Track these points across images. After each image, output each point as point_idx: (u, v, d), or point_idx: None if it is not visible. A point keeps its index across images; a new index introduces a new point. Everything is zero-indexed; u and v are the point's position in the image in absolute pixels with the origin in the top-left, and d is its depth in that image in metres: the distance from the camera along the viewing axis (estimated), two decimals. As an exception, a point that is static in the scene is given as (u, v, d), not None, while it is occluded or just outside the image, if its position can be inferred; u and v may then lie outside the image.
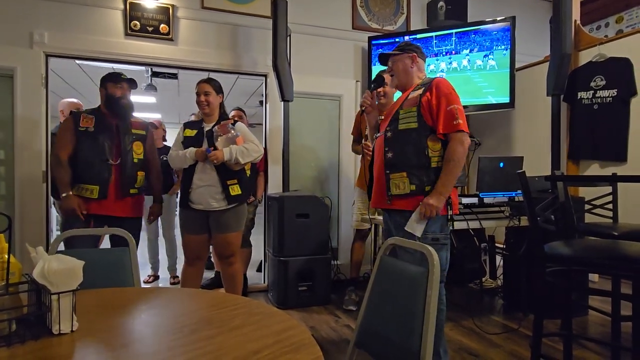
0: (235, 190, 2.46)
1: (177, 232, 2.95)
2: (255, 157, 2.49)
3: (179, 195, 2.60)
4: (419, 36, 3.81)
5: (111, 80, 2.43)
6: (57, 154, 2.36)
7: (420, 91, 1.89)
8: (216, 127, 2.47)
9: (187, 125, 2.58)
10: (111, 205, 2.38)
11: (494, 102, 3.62)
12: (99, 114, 2.45)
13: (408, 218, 1.86)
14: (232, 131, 2.44)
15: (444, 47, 3.74)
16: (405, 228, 1.84)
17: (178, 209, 2.59)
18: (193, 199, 2.43)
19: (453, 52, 3.71)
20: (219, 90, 2.54)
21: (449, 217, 1.88)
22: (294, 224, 3.12)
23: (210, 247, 2.89)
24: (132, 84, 2.49)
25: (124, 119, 2.47)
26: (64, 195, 2.30)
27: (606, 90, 3.26)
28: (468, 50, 3.67)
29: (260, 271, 3.92)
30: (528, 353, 2.24)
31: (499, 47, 3.57)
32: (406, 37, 3.82)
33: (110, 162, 2.37)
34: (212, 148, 2.40)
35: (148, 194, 2.70)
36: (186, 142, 2.47)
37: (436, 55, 3.77)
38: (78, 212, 2.28)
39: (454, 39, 3.71)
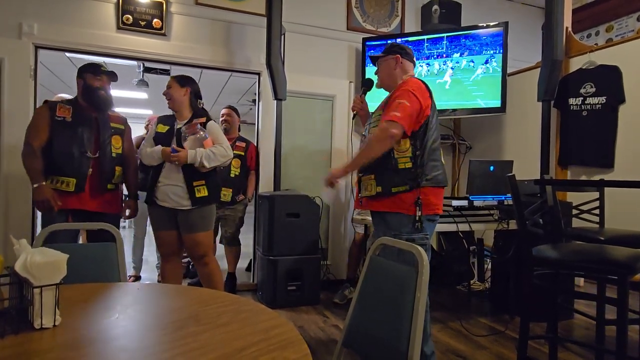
0: (202, 191, 2.38)
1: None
2: (222, 161, 2.41)
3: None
4: (411, 39, 3.83)
5: (90, 71, 2.33)
6: (29, 143, 2.22)
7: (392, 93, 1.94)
8: (184, 126, 2.41)
9: (162, 120, 2.52)
10: (88, 200, 2.29)
11: (486, 106, 3.65)
12: (77, 105, 2.35)
13: (382, 219, 1.90)
14: (201, 132, 2.37)
15: (435, 51, 3.76)
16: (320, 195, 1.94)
17: (145, 205, 2.52)
18: (158, 197, 2.40)
19: (445, 55, 3.74)
20: (183, 83, 2.46)
21: (418, 217, 1.81)
22: (284, 223, 3.11)
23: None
24: (112, 76, 2.41)
25: (101, 111, 2.38)
26: (35, 185, 2.18)
27: (595, 97, 3.31)
28: (460, 54, 3.69)
29: (250, 270, 3.90)
30: (514, 355, 2.26)
31: (492, 52, 3.60)
32: (398, 40, 3.84)
33: (88, 154, 2.28)
34: (177, 148, 2.35)
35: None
36: (157, 139, 2.41)
37: (427, 57, 3.79)
38: (53, 203, 2.16)
39: (445, 42, 3.74)
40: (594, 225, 2.37)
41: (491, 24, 3.63)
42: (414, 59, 2.07)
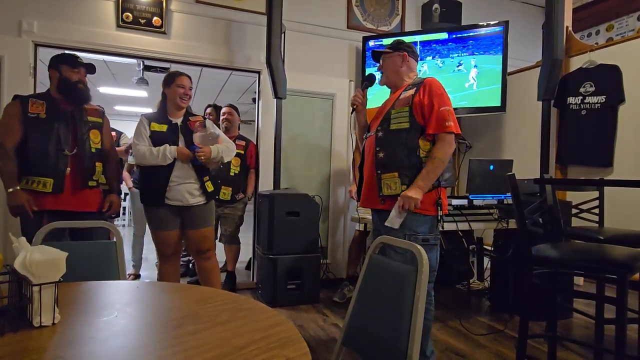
0: (210, 186, 2.49)
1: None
2: (232, 156, 2.58)
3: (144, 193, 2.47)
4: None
5: (67, 63, 2.20)
6: (1, 143, 2.07)
7: (412, 91, 1.88)
8: (197, 124, 2.47)
9: (153, 118, 2.45)
10: (68, 200, 2.16)
11: (486, 105, 3.65)
12: (50, 99, 2.19)
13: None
14: (212, 129, 2.46)
15: (436, 50, 3.76)
16: (385, 223, 1.84)
17: (144, 207, 2.47)
18: (170, 196, 2.37)
19: (445, 54, 3.73)
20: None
21: (439, 217, 1.88)
22: (284, 222, 3.11)
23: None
24: (89, 68, 2.27)
25: (79, 105, 2.24)
26: (10, 190, 2.05)
27: (595, 97, 3.30)
28: (460, 53, 3.69)
29: (250, 269, 3.90)
30: (513, 354, 2.26)
31: (492, 51, 3.60)
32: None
33: (66, 152, 2.14)
34: (200, 145, 2.38)
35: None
36: (156, 137, 2.36)
37: (422, 58, 3.79)
38: (27, 209, 2.04)
39: (443, 41, 3.74)
40: (593, 224, 2.37)
41: (491, 22, 3.63)
42: (418, 58, 2.07)
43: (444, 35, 3.72)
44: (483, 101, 3.65)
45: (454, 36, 3.69)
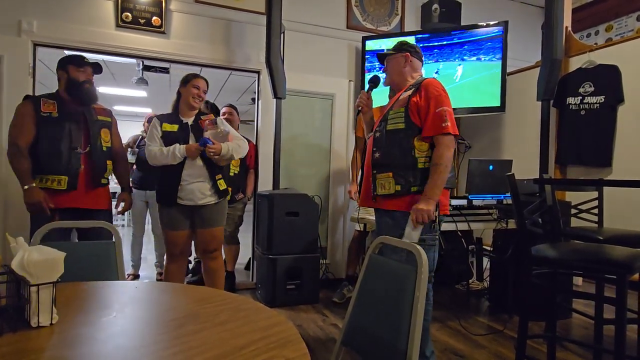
0: (222, 184, 2.50)
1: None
2: (243, 154, 2.57)
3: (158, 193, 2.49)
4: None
5: (73, 63, 2.24)
6: (15, 142, 2.13)
7: (410, 92, 1.89)
8: (207, 122, 2.47)
9: (163, 118, 2.48)
10: (81, 197, 2.21)
11: (485, 105, 3.65)
12: (60, 99, 2.25)
13: (395, 218, 1.87)
14: (222, 127, 2.47)
15: (436, 49, 3.76)
16: (403, 239, 1.79)
17: (158, 206, 2.49)
18: (182, 195, 2.38)
19: (445, 54, 3.73)
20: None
21: (435, 218, 1.86)
22: (284, 222, 3.11)
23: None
24: (96, 68, 2.32)
25: (87, 104, 2.29)
26: (26, 187, 2.10)
27: (594, 97, 3.31)
28: (460, 53, 3.69)
29: (249, 269, 3.89)
30: (513, 354, 2.26)
31: (491, 51, 3.60)
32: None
33: (78, 150, 2.21)
34: (214, 140, 2.39)
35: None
36: (167, 138, 2.39)
37: (428, 58, 3.78)
38: (44, 206, 2.10)
39: (445, 41, 3.74)
40: (592, 224, 2.37)
41: (491, 23, 3.63)
42: (423, 58, 2.07)
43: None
44: (479, 100, 3.65)
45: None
